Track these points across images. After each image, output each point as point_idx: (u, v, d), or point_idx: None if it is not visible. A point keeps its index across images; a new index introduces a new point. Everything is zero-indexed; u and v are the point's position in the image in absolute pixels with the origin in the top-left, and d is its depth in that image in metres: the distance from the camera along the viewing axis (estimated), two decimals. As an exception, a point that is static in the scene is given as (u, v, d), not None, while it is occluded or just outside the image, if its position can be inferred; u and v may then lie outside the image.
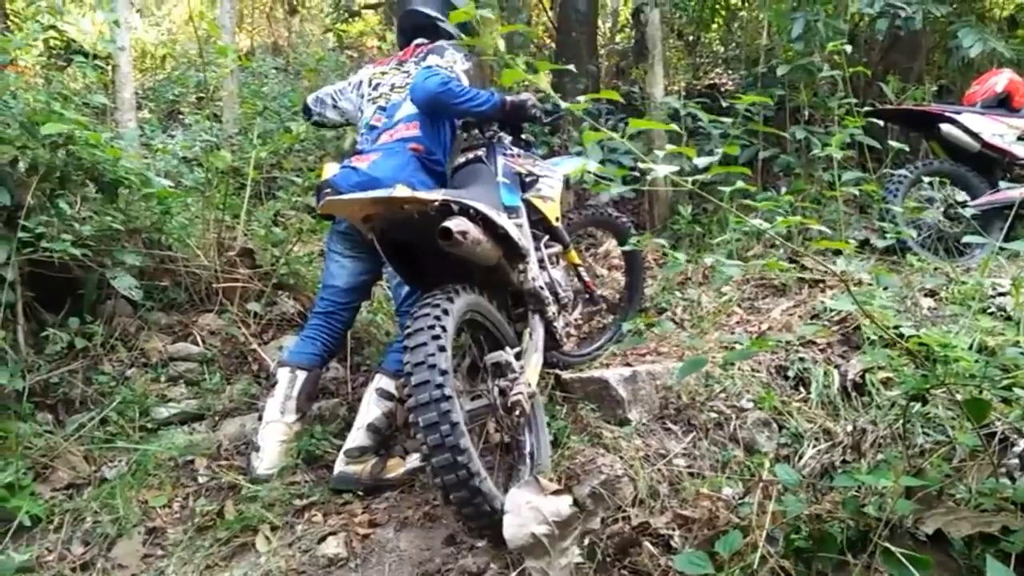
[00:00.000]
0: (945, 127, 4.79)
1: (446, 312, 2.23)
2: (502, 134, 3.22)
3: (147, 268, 3.37)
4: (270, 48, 10.76)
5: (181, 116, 7.51)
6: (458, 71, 2.98)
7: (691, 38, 8.39)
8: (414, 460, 2.65)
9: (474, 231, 2.31)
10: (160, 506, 2.61)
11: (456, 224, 2.25)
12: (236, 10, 9.96)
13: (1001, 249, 4.07)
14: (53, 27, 5.96)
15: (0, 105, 3.07)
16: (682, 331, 3.87)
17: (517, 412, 2.39)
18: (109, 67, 5.59)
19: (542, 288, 2.87)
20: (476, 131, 3.22)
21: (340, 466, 2.62)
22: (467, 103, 2.87)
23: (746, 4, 7.22)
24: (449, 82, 2.81)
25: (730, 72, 8.29)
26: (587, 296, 3.62)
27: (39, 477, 2.71)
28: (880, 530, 1.76)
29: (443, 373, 2.07)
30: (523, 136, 3.34)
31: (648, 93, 6.51)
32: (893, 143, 3.14)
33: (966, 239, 2.60)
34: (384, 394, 2.70)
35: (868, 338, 3.10)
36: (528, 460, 2.53)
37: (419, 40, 3.18)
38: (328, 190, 2.81)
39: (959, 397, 1.80)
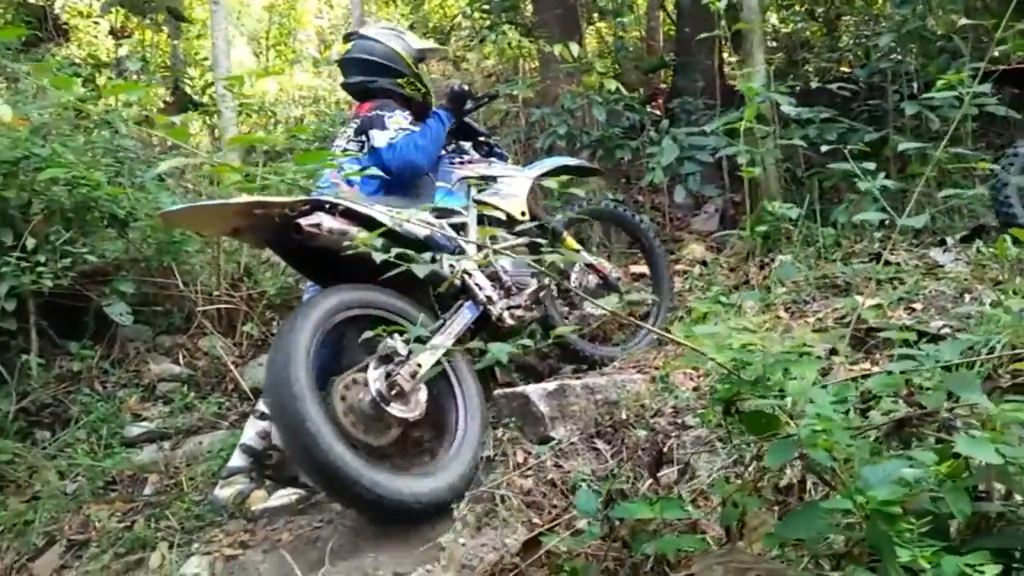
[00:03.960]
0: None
1: (300, 327, 2.28)
2: (463, 143, 3.37)
3: (150, 294, 3.58)
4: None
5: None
6: (406, 126, 2.99)
7: (821, 19, 7.64)
8: (277, 497, 2.57)
9: (330, 222, 2.38)
10: (98, 520, 2.72)
11: (308, 219, 2.33)
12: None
13: None
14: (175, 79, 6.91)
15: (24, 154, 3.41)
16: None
17: (395, 392, 2.36)
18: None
19: (467, 274, 2.79)
20: None
21: (216, 488, 2.61)
22: (438, 140, 3.05)
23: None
24: (412, 142, 2.91)
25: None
26: (601, 280, 3.50)
27: (19, 489, 2.94)
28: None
29: (296, 381, 2.14)
30: (483, 140, 3.47)
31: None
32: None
33: None
34: (260, 415, 2.65)
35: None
36: (455, 430, 2.52)
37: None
38: None
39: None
